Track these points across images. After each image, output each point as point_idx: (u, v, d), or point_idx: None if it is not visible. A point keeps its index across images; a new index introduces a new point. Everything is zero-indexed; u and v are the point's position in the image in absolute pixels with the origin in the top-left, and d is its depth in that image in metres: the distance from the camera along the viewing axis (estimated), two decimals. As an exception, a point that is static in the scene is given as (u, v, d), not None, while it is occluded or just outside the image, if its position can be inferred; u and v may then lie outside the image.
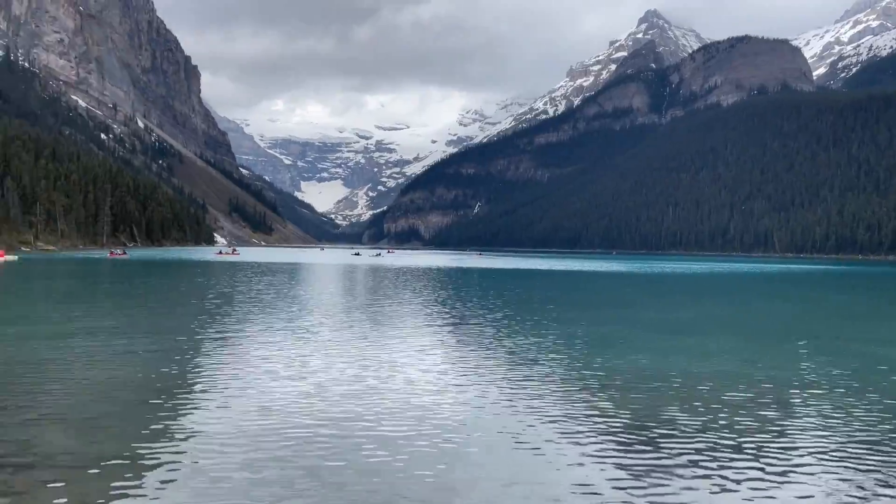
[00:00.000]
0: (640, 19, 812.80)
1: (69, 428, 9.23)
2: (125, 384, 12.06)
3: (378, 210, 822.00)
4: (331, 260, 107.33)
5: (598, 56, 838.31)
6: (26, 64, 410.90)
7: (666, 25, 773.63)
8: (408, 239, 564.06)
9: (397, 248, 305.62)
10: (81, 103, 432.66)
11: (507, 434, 9.84)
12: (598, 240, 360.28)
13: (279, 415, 10.44)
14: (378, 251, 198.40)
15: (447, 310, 27.08)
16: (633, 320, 26.82)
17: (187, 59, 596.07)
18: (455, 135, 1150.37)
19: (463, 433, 9.77)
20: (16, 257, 77.84)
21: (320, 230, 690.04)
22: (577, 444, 9.40)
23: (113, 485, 7.18)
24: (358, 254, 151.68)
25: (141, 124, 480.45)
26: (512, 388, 12.79)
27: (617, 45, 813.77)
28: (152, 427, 9.43)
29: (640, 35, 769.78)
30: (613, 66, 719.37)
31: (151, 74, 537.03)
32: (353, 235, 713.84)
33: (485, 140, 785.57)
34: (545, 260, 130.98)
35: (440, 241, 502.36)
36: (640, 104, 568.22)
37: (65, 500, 6.85)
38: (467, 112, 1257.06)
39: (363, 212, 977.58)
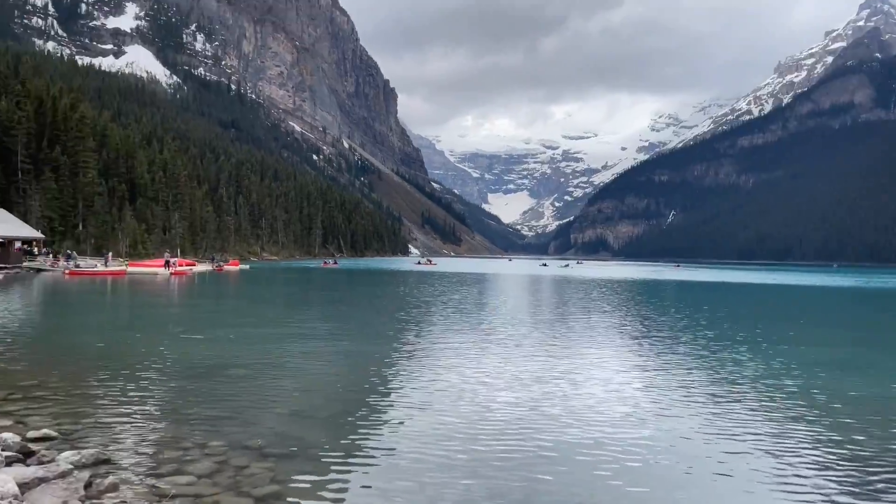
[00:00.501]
0: (861, 5, 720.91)
1: (299, 420, 9.64)
2: (347, 382, 12.52)
3: (564, 220, 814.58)
4: (519, 270, 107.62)
5: (812, 48, 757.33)
6: (253, 96, 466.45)
7: (892, 11, 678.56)
8: (595, 250, 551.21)
9: (585, 259, 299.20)
10: (297, 128, 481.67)
11: (710, 461, 8.54)
12: (813, 251, 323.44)
13: (471, 419, 10.29)
14: (567, 262, 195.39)
15: (651, 324, 25.28)
16: (879, 343, 23.03)
17: (386, 82, 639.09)
18: (646, 141, 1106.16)
19: (661, 457, 8.64)
20: (247, 266, 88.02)
21: (506, 241, 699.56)
22: (792, 480, 7.81)
23: (343, 474, 7.43)
24: (545, 264, 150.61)
25: (346, 145, 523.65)
26: (720, 411, 11.21)
27: (833, 34, 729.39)
28: (368, 422, 9.58)
29: (860, 23, 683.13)
30: (830, 59, 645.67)
31: (355, 98, 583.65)
32: (538, 246, 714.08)
33: (680, 145, 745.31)
34: (753, 273, 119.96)
35: (630, 252, 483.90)
36: (864, 99, 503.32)
37: (316, 484, 7.09)
38: (660, 116, 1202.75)
39: (549, 222, 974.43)
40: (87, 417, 9.72)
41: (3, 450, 7.29)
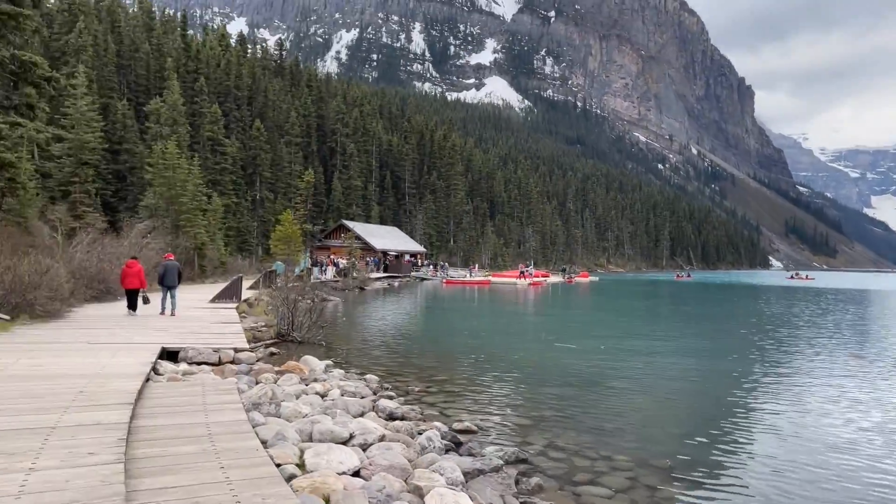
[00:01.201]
0: None
1: (693, 441, 8.86)
2: (724, 402, 11.30)
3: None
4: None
5: None
6: (598, 111, 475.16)
7: None
8: None
9: None
10: (641, 138, 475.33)
11: None
12: None
13: (828, 448, 8.17)
14: None
15: None
16: None
17: (740, 80, 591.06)
18: None
19: None
20: (596, 278, 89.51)
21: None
22: None
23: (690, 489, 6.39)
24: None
25: (694, 151, 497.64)
26: None
27: None
28: (721, 436, 8.26)
29: None
30: None
31: (704, 101, 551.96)
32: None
33: None
34: None
35: None
36: None
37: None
38: None
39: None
40: (495, 415, 10.48)
41: (442, 438, 8.18)
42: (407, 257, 73.86)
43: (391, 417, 9.58)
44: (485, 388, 12.72)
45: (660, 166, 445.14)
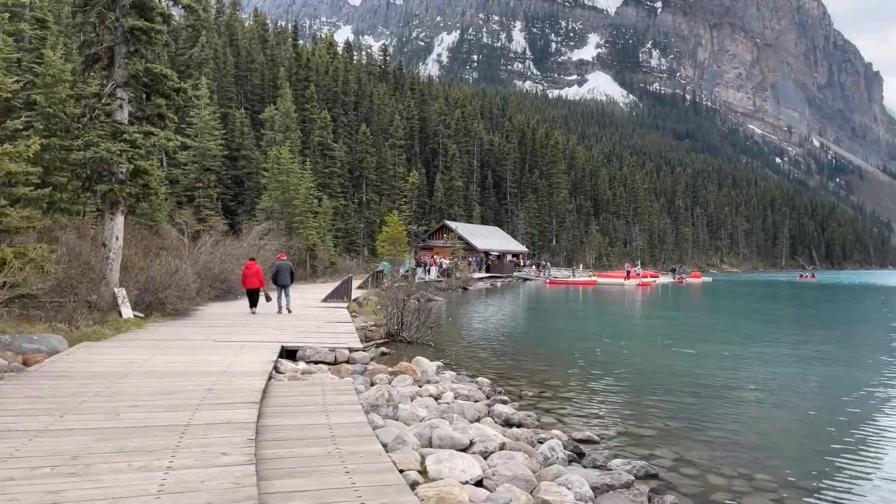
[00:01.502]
0: None
1: (843, 464, 7.95)
2: (866, 419, 10.12)
3: None
4: None
5: None
6: (708, 103, 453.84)
7: None
8: None
9: None
10: (757, 131, 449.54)
11: None
12: None
13: None
14: None
15: None
16: None
17: (867, 66, 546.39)
18: None
19: None
20: (709, 279, 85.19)
21: None
22: None
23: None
24: None
25: (816, 143, 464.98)
26: None
27: None
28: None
29: None
30: None
31: (827, 90, 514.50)
32: None
33: None
34: None
35: None
36: None
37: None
38: None
39: None
40: (615, 424, 9.97)
41: (564, 448, 7.82)
42: (509, 257, 73.44)
43: (507, 423, 9.31)
44: (601, 395, 12.19)
45: (777, 160, 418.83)
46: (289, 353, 12.63)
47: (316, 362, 12.30)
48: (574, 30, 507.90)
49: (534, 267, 76.03)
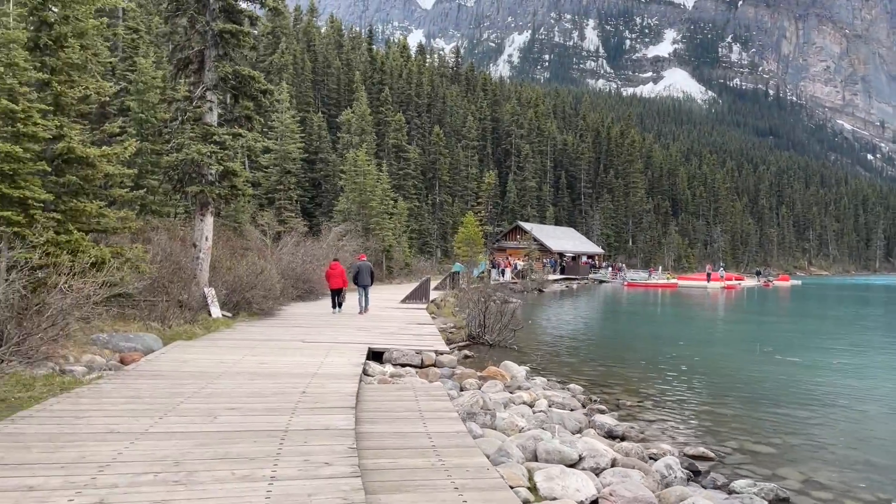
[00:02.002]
0: None
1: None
2: None
3: None
4: None
5: None
6: (793, 98, 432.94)
7: None
8: None
9: None
10: (846, 126, 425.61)
11: None
12: None
13: None
14: None
15: None
16: None
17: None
18: None
19: None
20: (798, 282, 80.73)
21: None
22: None
23: None
24: None
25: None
26: None
27: None
28: None
29: None
30: None
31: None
32: None
33: None
34: None
35: None
36: None
37: None
38: None
39: None
40: (728, 439, 9.18)
41: (680, 466, 7.17)
42: (584, 259, 71.87)
43: (610, 436, 8.71)
44: (706, 405, 11.36)
45: (869, 157, 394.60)
46: (375, 355, 12.41)
47: (403, 365, 12.02)
48: (649, 26, 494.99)
49: (610, 269, 74.03)
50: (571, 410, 9.98)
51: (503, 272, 49.51)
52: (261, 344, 12.24)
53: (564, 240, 72.57)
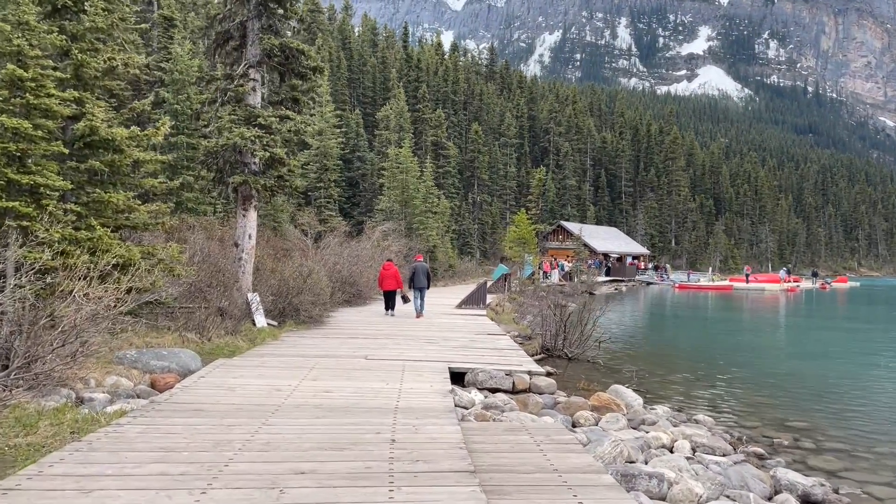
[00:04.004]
0: None
1: None
2: None
3: None
4: None
5: None
6: (833, 94, 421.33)
7: None
8: None
9: None
10: (889, 123, 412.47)
11: None
12: None
13: None
14: None
15: None
16: None
17: None
18: None
19: None
20: (857, 283, 76.62)
21: None
22: None
23: None
24: None
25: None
26: None
27: None
28: None
29: None
30: None
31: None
32: None
33: None
34: None
35: None
36: None
37: None
38: None
39: None
40: (846, 459, 6.77)
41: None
42: (629, 259, 68.89)
43: (807, 500, 6.37)
44: (887, 444, 8.89)
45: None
46: (454, 376, 10.20)
47: (492, 390, 9.81)
48: (683, 23, 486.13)
49: (654, 270, 70.78)
50: (723, 456, 7.66)
51: (549, 274, 47.01)
52: (318, 363, 10.12)
53: (609, 240, 69.64)
